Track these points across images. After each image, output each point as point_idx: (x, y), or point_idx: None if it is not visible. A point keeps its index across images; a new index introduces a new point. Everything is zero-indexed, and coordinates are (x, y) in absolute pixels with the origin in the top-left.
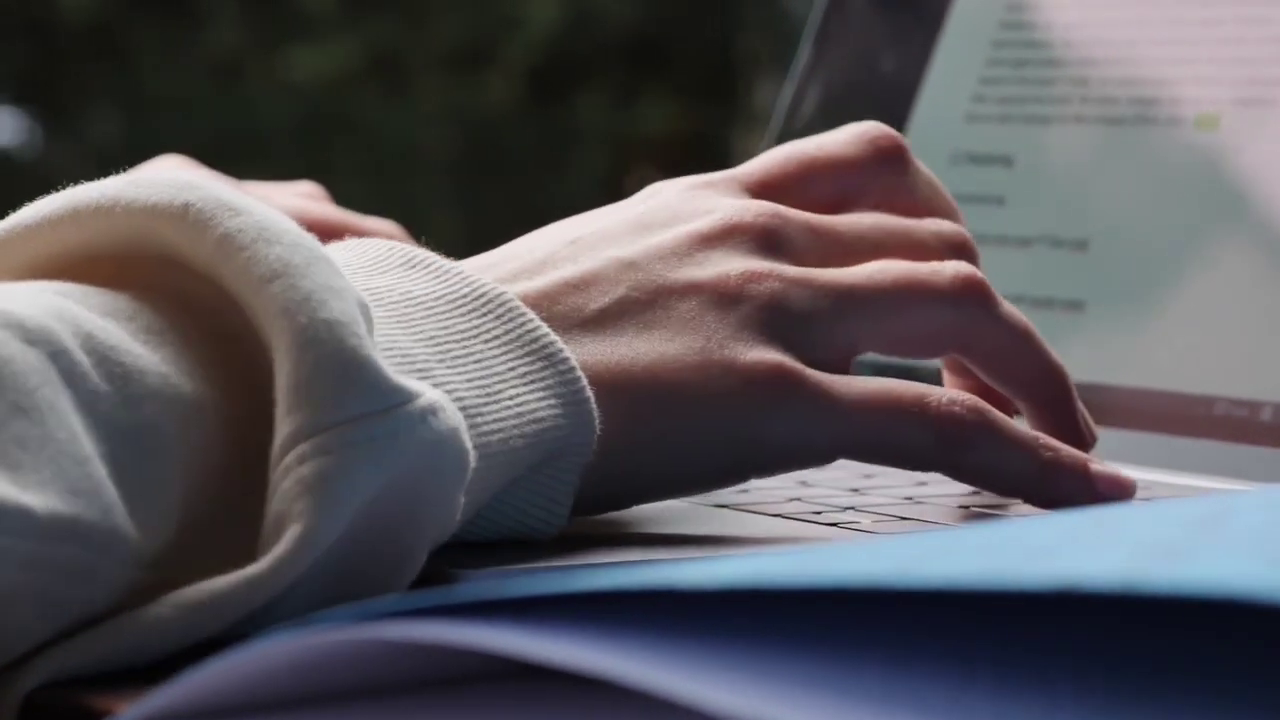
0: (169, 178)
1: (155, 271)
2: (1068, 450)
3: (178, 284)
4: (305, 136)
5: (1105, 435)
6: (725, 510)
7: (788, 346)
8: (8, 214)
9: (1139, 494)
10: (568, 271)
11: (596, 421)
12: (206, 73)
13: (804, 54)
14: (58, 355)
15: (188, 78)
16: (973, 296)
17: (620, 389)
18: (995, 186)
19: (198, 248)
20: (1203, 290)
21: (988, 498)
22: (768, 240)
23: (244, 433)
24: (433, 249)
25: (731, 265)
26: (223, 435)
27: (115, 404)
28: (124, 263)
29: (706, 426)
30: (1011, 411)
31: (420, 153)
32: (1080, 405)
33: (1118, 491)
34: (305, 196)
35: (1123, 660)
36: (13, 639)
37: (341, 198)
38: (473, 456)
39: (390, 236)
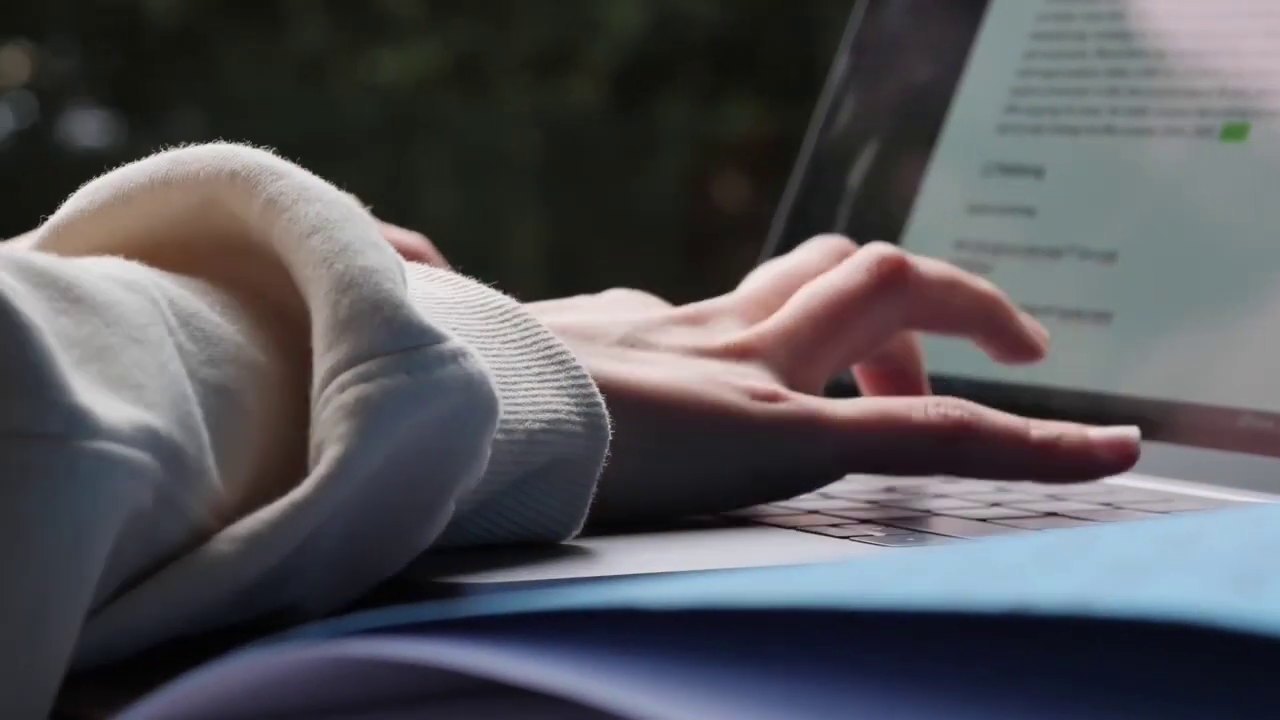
0: (212, 149)
1: (216, 253)
2: (1060, 426)
3: (237, 265)
4: (389, 138)
5: None
6: (745, 524)
7: (772, 384)
8: None
9: (1163, 506)
10: (572, 316)
11: (608, 425)
12: (291, 74)
13: (840, 64)
14: (156, 303)
15: (273, 79)
16: (896, 277)
17: (649, 401)
18: (1026, 197)
19: (249, 214)
20: (1229, 302)
21: (1009, 509)
22: (712, 324)
23: (307, 405)
24: (515, 251)
25: (695, 339)
26: (292, 408)
27: (201, 361)
28: (186, 245)
29: (724, 438)
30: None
31: (503, 155)
32: (1021, 317)
33: (1120, 451)
34: None
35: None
36: (122, 567)
37: (424, 200)
38: (501, 407)
39: (418, 249)
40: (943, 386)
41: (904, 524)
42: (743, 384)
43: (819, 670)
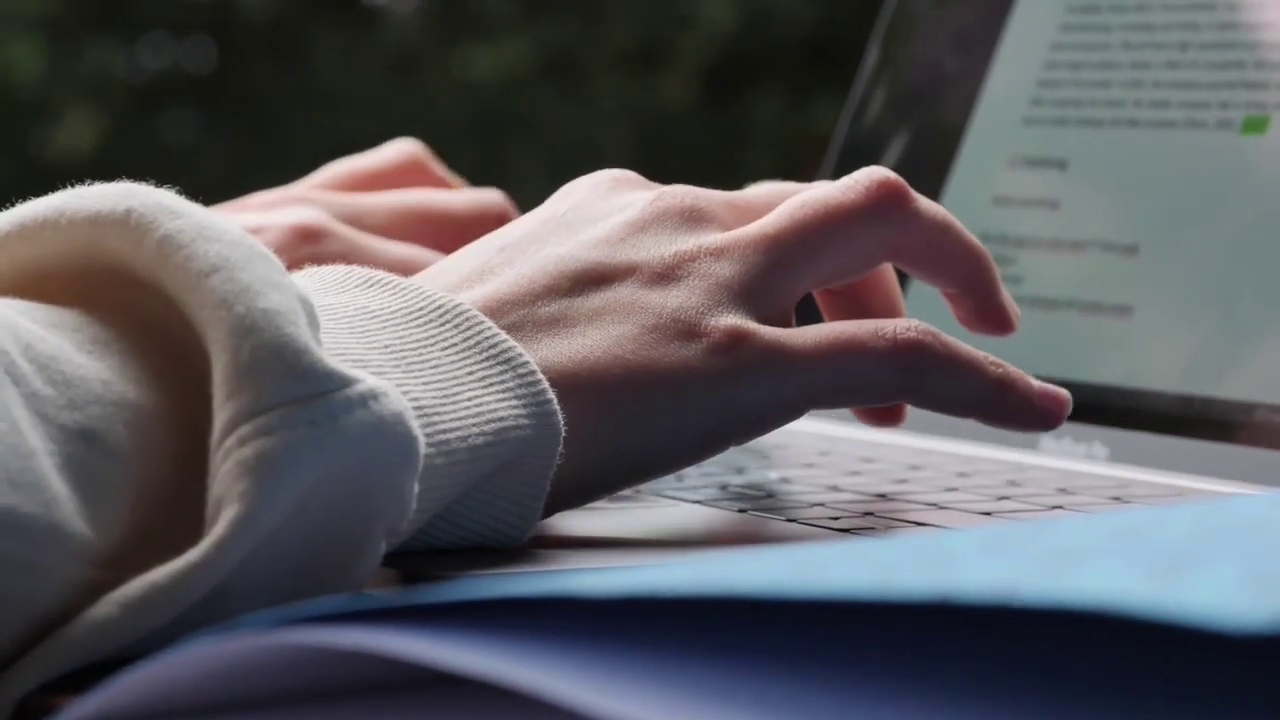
0: (113, 187)
1: (106, 285)
2: (1010, 367)
3: (127, 297)
4: (481, 135)
5: (1146, 441)
6: (746, 515)
7: (735, 309)
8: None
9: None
10: (506, 275)
11: (560, 422)
12: (384, 70)
13: (869, 56)
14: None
15: (365, 75)
16: (892, 201)
17: (587, 381)
18: (1050, 190)
19: (140, 251)
20: (1246, 295)
21: (1016, 503)
22: (690, 218)
23: (195, 438)
24: None
25: (662, 248)
26: (174, 440)
27: (60, 406)
28: (76, 277)
29: (680, 397)
30: None
31: (594, 151)
32: (1002, 286)
33: (1055, 404)
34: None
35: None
36: None
37: (516, 196)
38: (422, 444)
39: (495, 205)
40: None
41: (906, 517)
42: (701, 326)
43: (759, 659)
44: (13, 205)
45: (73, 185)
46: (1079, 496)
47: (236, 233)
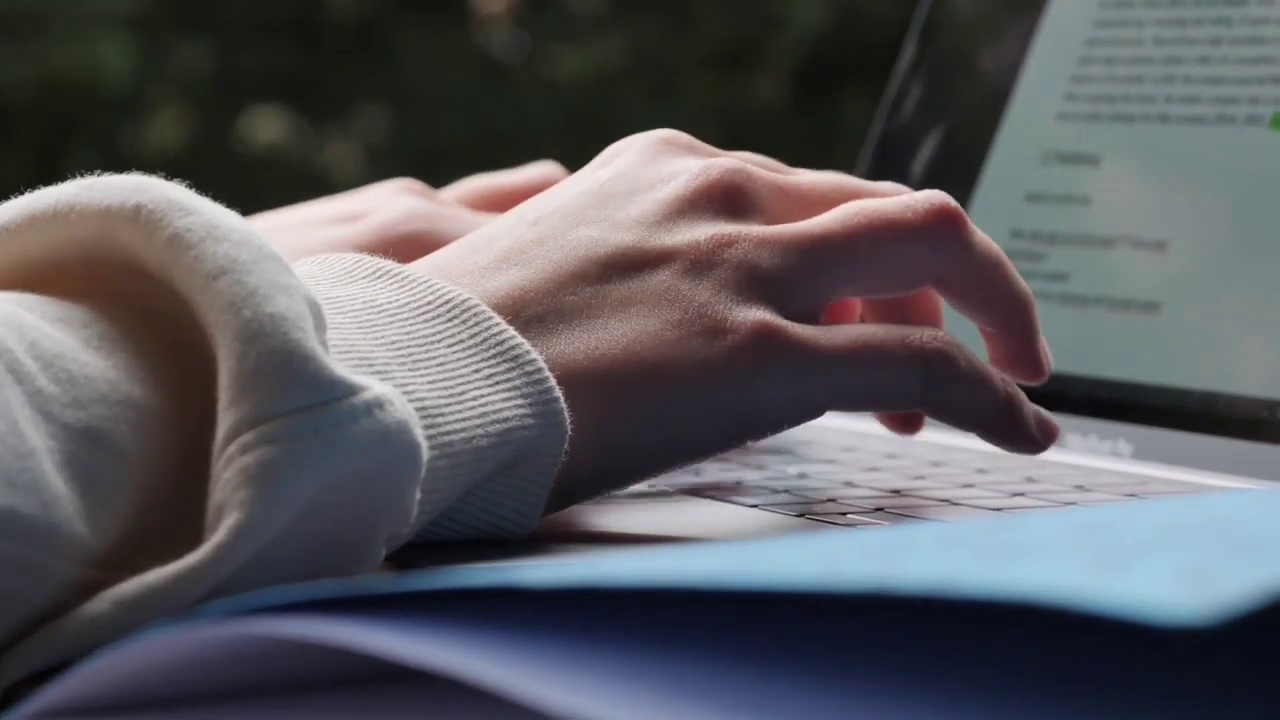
0: (124, 180)
1: (117, 279)
2: (1015, 386)
3: (138, 291)
4: (570, 135)
5: (1170, 438)
6: (755, 511)
7: (766, 304)
8: (286, 206)
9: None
10: (535, 260)
11: (567, 421)
12: (473, 71)
13: (906, 52)
14: (2, 353)
15: (454, 76)
16: (948, 229)
17: (605, 375)
18: (1081, 186)
19: (150, 248)
20: (1272, 292)
21: (1030, 499)
22: (734, 200)
23: (200, 438)
24: None
25: (699, 232)
26: (178, 440)
27: (64, 404)
28: (87, 269)
29: (697, 397)
30: None
31: None
32: (1041, 335)
33: (1046, 431)
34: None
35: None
36: None
37: None
38: (425, 451)
39: (550, 178)
40: None
41: (917, 513)
42: (726, 321)
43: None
44: None
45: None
46: (1095, 493)
47: (245, 232)
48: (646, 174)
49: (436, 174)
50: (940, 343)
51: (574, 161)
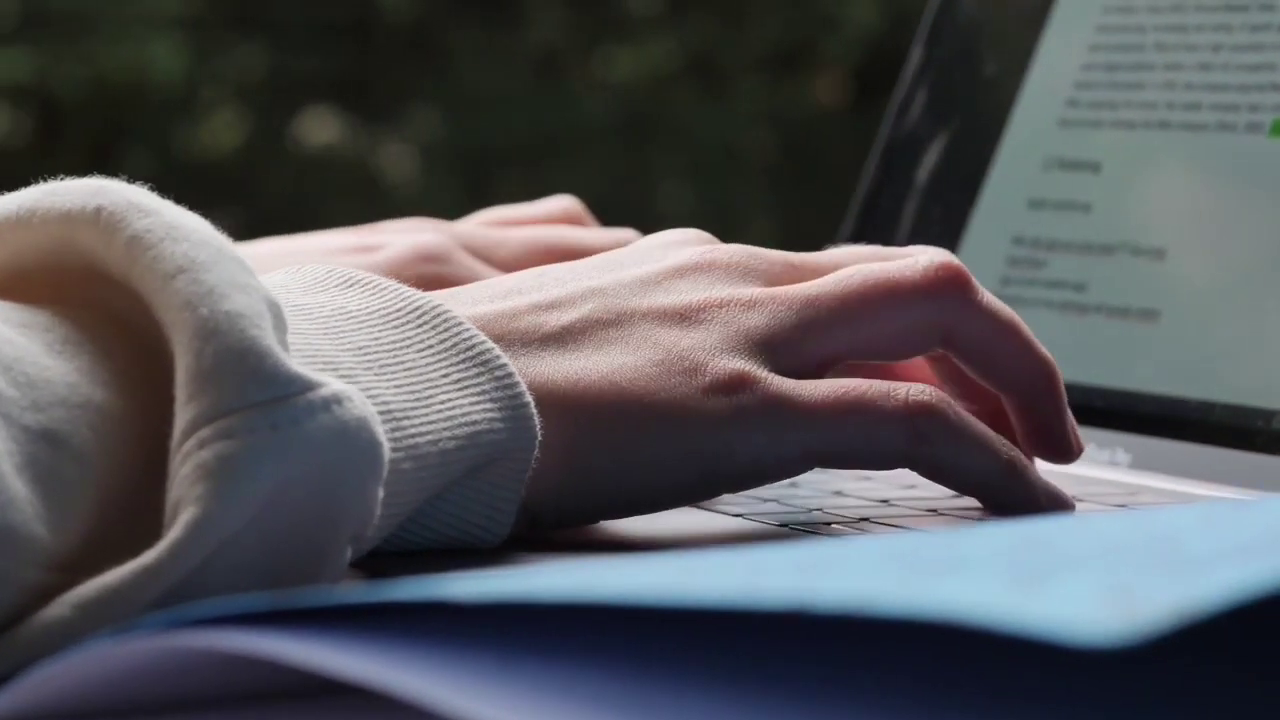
0: (85, 183)
1: (80, 283)
2: (1020, 453)
3: (101, 295)
4: (623, 136)
5: (1167, 448)
6: (738, 520)
7: (750, 358)
8: (342, 208)
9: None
10: (533, 297)
11: (537, 426)
12: (527, 71)
13: (913, 56)
14: None
15: (508, 76)
16: (950, 288)
17: (580, 402)
18: (1083, 192)
19: (110, 250)
20: (1269, 300)
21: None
22: (737, 272)
23: (162, 439)
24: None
25: (694, 294)
26: (140, 442)
27: (23, 408)
28: (51, 275)
29: (670, 434)
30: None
31: (737, 153)
32: (1068, 408)
33: (1055, 505)
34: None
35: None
36: None
37: (658, 198)
38: (387, 450)
39: (568, 211)
40: None
41: (898, 523)
42: (705, 365)
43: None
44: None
45: (215, 184)
46: (1084, 504)
47: (205, 232)
48: (657, 250)
49: (490, 175)
50: (928, 396)
51: (628, 163)
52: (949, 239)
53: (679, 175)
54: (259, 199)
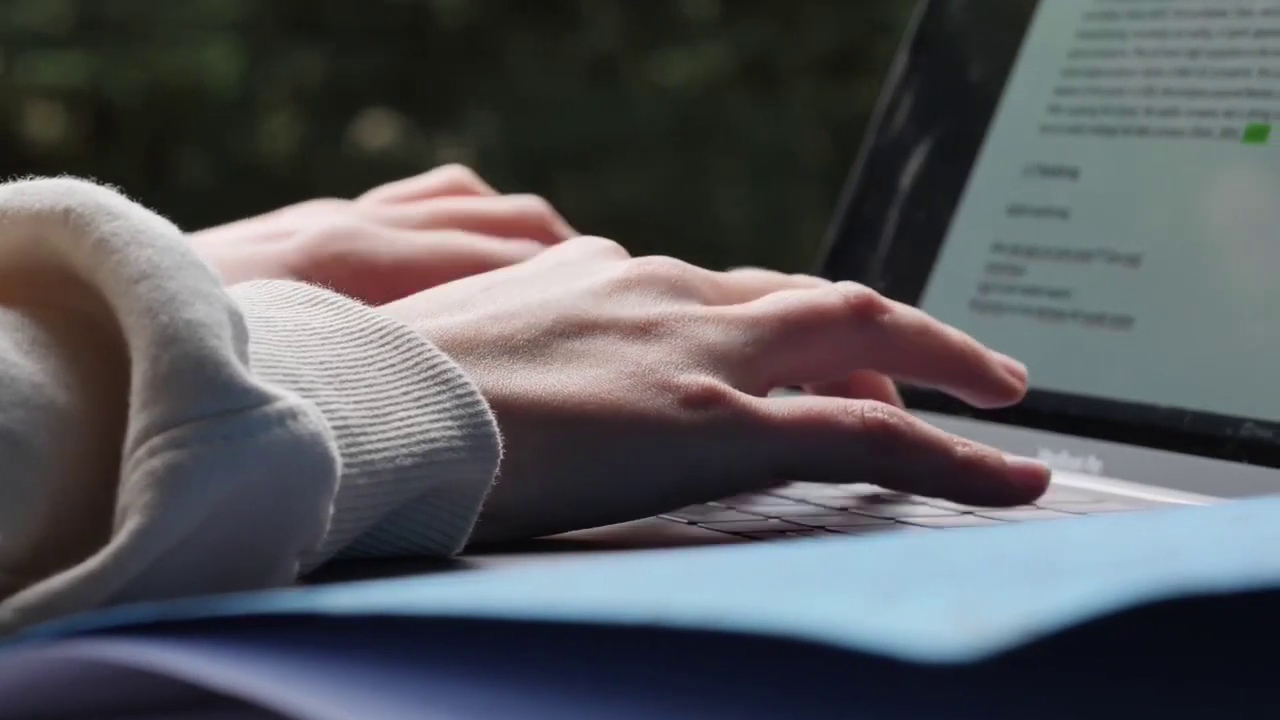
0: (55, 184)
1: (51, 284)
2: (980, 446)
3: (70, 296)
4: (678, 139)
5: (1139, 455)
6: (695, 527)
7: (713, 373)
8: None
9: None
10: (488, 309)
11: (499, 445)
12: (582, 75)
13: (899, 62)
14: None
15: (563, 80)
16: (865, 313)
17: (561, 413)
18: (1061, 199)
19: (78, 252)
20: (1241, 307)
21: (975, 517)
22: (675, 287)
23: (119, 447)
24: (805, 253)
25: (646, 308)
26: (99, 446)
27: None
28: (23, 274)
29: (648, 443)
30: None
31: (792, 157)
32: (995, 361)
33: (1032, 479)
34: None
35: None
36: None
37: (714, 201)
38: (340, 465)
39: (534, 209)
40: None
41: (858, 530)
42: (677, 380)
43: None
44: (213, 208)
45: (271, 188)
46: (1045, 511)
47: (171, 238)
48: (589, 264)
49: (546, 178)
50: (883, 413)
51: (684, 167)
52: (930, 245)
53: (734, 178)
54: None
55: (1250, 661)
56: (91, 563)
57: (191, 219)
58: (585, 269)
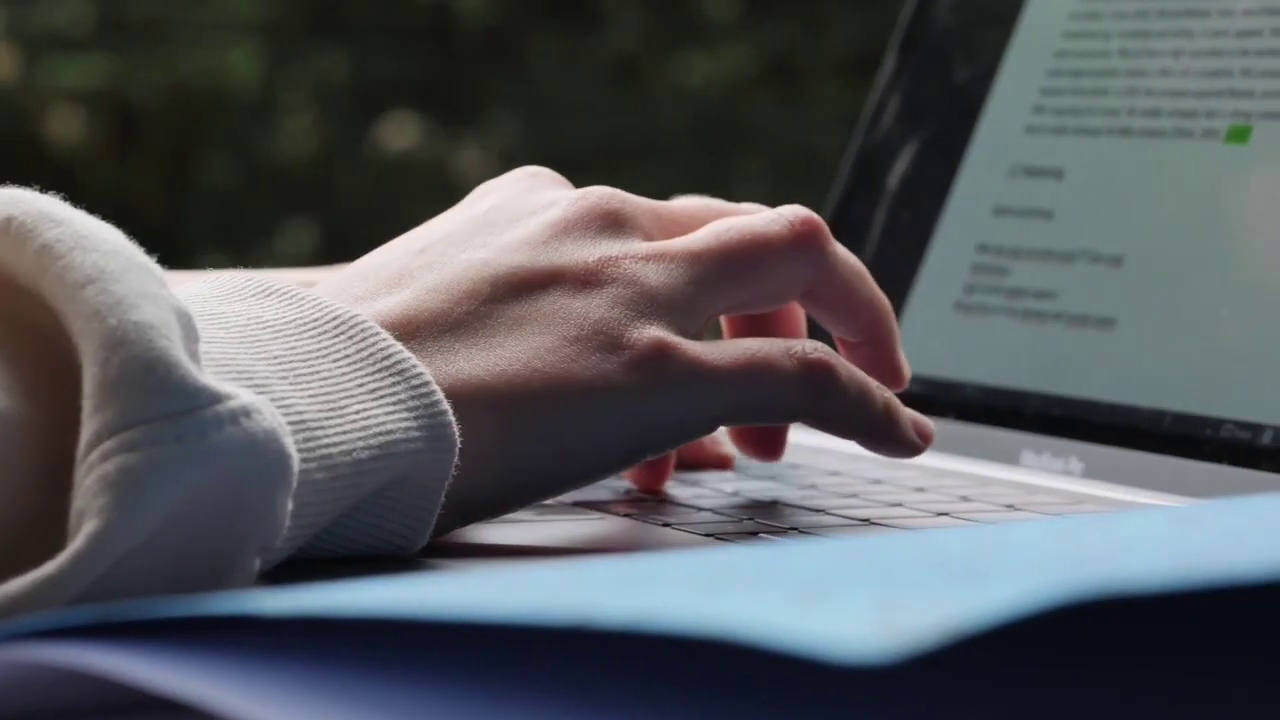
0: None
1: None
2: (890, 393)
3: (13, 304)
4: (702, 141)
5: (1119, 456)
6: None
7: (658, 321)
8: (420, 214)
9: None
10: (426, 281)
11: (455, 435)
12: (604, 76)
13: (887, 64)
14: None
15: (585, 81)
16: (812, 242)
17: (505, 395)
18: (1045, 200)
19: (21, 260)
20: (1221, 309)
21: (954, 519)
22: (614, 222)
23: (70, 449)
24: None
25: (586, 252)
26: (47, 452)
27: None
28: None
29: (600, 409)
30: None
31: (815, 158)
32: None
33: (922, 433)
34: None
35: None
36: None
37: (736, 201)
38: (296, 461)
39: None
40: (952, 388)
41: (834, 532)
42: (624, 337)
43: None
44: (234, 210)
45: (293, 190)
46: (1023, 513)
47: (115, 242)
48: (525, 202)
49: (569, 178)
50: (822, 354)
51: (706, 167)
52: (917, 246)
53: (757, 179)
54: (337, 204)
55: (1192, 660)
56: (49, 566)
57: (212, 220)
58: (520, 208)
